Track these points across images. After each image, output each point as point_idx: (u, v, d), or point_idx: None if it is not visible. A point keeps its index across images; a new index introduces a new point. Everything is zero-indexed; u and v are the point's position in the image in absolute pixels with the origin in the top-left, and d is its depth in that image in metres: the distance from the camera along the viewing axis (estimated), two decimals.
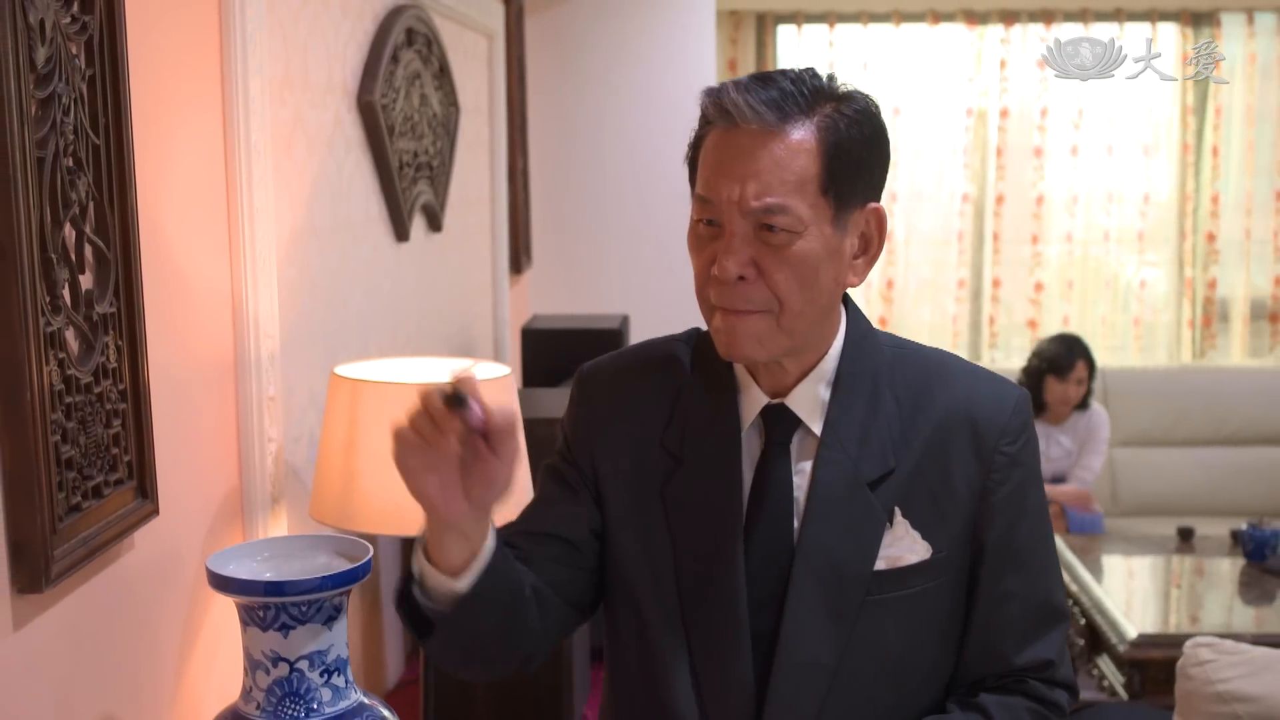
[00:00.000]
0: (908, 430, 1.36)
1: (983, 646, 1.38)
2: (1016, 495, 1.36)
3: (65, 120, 1.30)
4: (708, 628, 1.36)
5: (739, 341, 1.31)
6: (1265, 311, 6.02)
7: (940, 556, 1.35)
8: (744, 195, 1.26)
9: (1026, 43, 5.86)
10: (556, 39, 4.87)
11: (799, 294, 1.28)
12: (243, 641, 1.37)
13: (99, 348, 1.37)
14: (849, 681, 1.33)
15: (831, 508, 1.34)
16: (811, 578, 1.33)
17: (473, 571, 1.26)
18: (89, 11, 1.35)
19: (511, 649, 1.35)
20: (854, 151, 1.28)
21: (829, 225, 1.28)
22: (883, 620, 1.34)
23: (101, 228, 1.38)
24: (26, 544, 1.22)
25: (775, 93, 1.27)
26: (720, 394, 1.40)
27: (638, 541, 1.40)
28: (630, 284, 4.92)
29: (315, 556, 1.42)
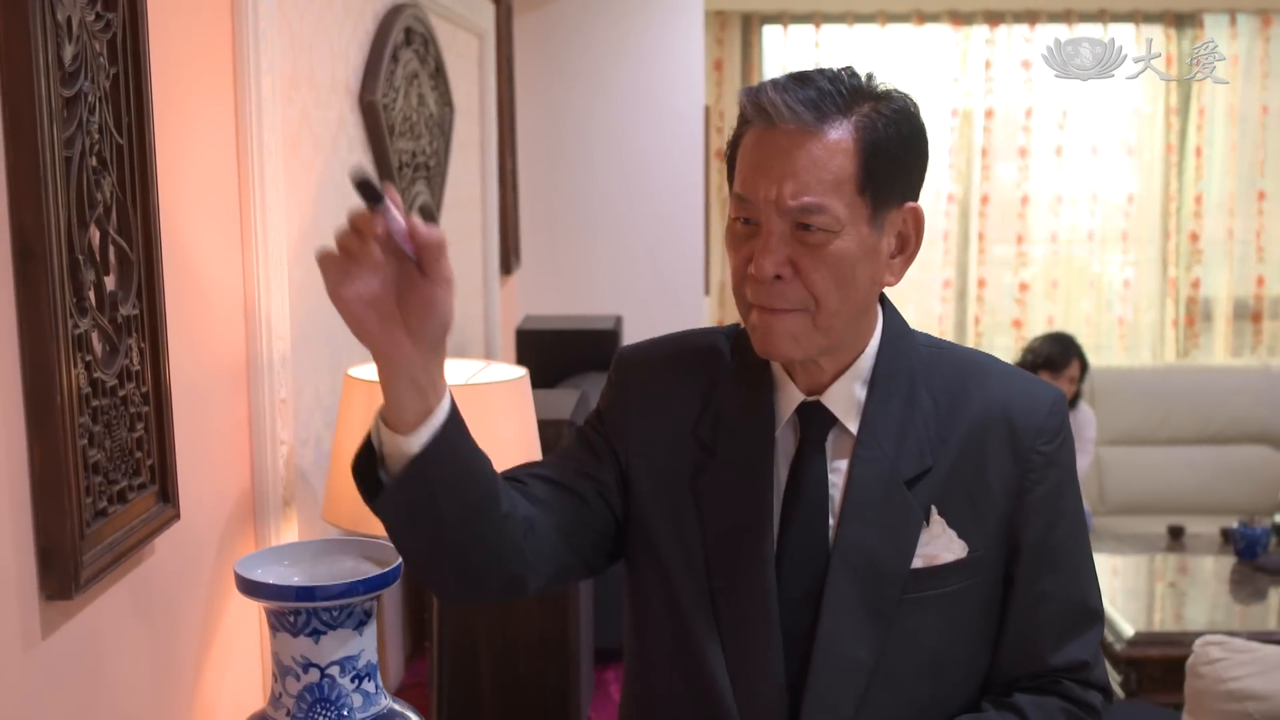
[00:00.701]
0: (944, 429, 1.36)
1: (1018, 646, 1.38)
2: (1053, 495, 1.36)
3: (90, 119, 1.28)
4: (740, 627, 1.35)
5: (775, 340, 1.31)
6: (1248, 311, 6.07)
7: (977, 555, 1.35)
8: (781, 194, 1.26)
9: (1011, 43, 5.88)
10: (544, 38, 4.86)
11: (835, 293, 1.28)
12: (271, 647, 1.35)
13: (123, 350, 1.35)
14: (886, 680, 1.33)
15: (868, 506, 1.34)
16: (848, 576, 1.33)
17: (426, 430, 1.20)
18: (112, 9, 1.33)
19: (485, 556, 1.27)
20: (892, 151, 1.28)
21: (866, 225, 1.28)
22: (919, 619, 1.34)
23: (124, 228, 1.36)
24: (56, 550, 1.20)
25: (813, 92, 1.26)
26: (756, 390, 1.40)
27: (670, 531, 1.40)
28: (619, 284, 4.91)
29: (342, 560, 1.40)
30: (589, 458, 1.43)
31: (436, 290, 1.15)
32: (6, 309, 1.16)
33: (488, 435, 1.77)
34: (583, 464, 1.43)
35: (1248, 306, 6.06)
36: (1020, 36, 5.87)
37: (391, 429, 1.21)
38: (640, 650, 1.47)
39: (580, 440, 1.46)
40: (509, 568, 1.30)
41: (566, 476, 1.40)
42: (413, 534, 1.26)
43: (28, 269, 1.16)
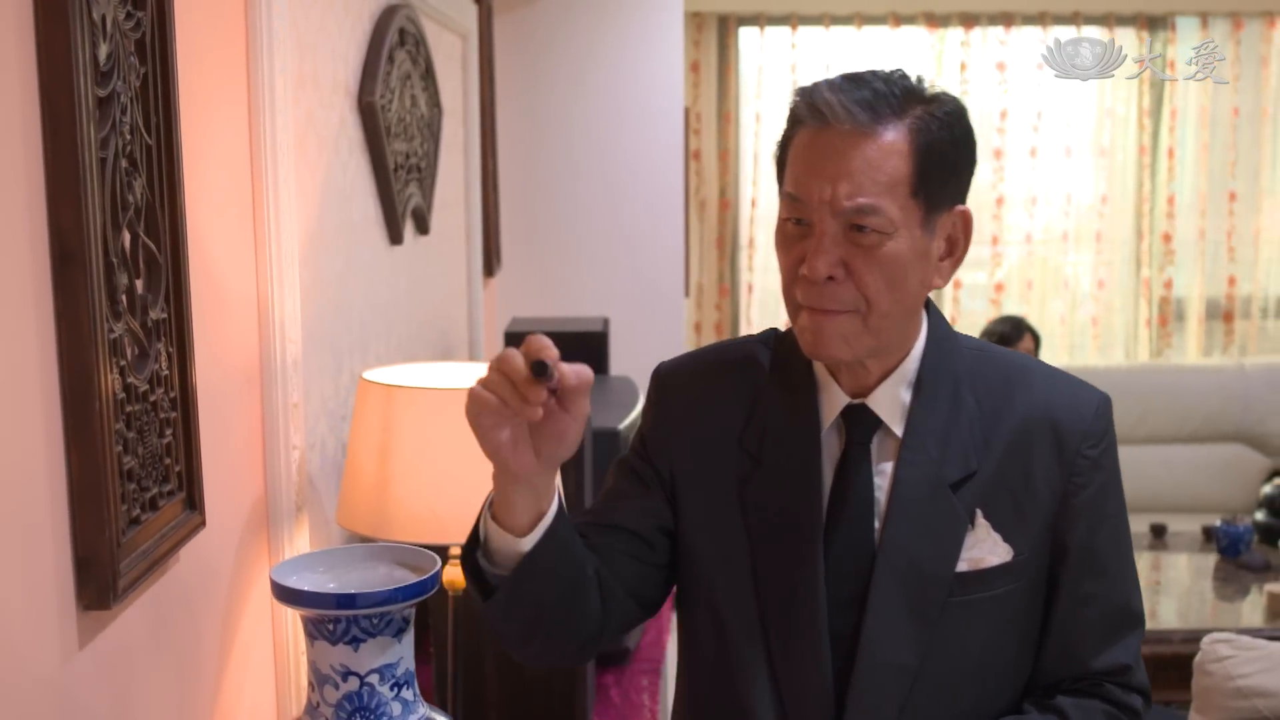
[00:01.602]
0: (989, 432, 1.36)
1: (1061, 649, 1.38)
2: (1098, 499, 1.36)
3: (123, 119, 1.26)
4: (786, 628, 1.35)
5: (825, 341, 1.30)
6: (1219, 310, 6.12)
7: (1021, 559, 1.34)
8: (836, 195, 1.25)
9: (986, 46, 5.92)
10: (524, 40, 4.84)
11: (887, 295, 1.28)
12: (308, 655, 1.33)
13: (152, 354, 1.33)
14: (930, 683, 1.33)
15: (913, 509, 1.34)
16: (893, 578, 1.33)
17: (538, 531, 1.26)
18: (141, 8, 1.31)
19: (572, 629, 1.34)
20: (944, 154, 1.28)
21: (918, 227, 1.28)
22: (964, 622, 1.34)
23: (153, 230, 1.34)
24: (93, 559, 1.18)
25: (868, 93, 1.26)
26: (800, 394, 1.39)
27: (714, 542, 1.39)
28: (600, 287, 4.90)
29: (375, 567, 1.38)
30: (639, 491, 1.44)
31: (572, 425, 1.20)
32: (44, 312, 1.14)
33: None
34: (636, 501, 1.43)
35: (1219, 306, 6.12)
36: (995, 39, 5.90)
37: (503, 527, 1.26)
38: (690, 657, 1.47)
39: (626, 474, 1.46)
40: (589, 635, 1.36)
41: (628, 520, 1.42)
42: (514, 618, 1.31)
43: (67, 272, 1.14)
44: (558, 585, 1.29)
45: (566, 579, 1.30)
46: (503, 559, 1.27)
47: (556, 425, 1.19)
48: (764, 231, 6.04)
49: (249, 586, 1.72)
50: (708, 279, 6.07)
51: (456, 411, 1.74)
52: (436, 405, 1.73)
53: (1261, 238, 6.06)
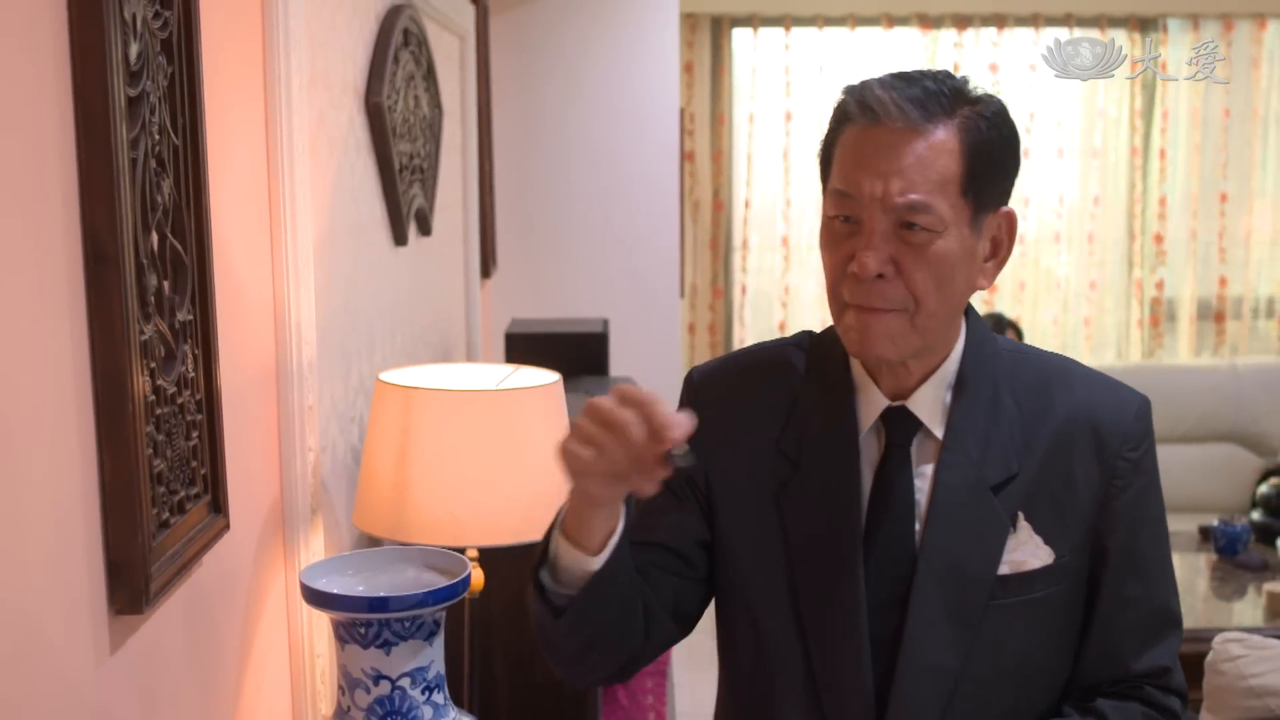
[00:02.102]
0: (1029, 435, 1.35)
1: (1101, 652, 1.37)
2: (1139, 502, 1.36)
3: (151, 120, 1.25)
4: (826, 632, 1.34)
5: (872, 340, 1.29)
6: (1210, 311, 6.15)
7: (1062, 561, 1.34)
8: (887, 191, 1.25)
9: (979, 47, 5.93)
10: (520, 40, 4.83)
11: (935, 294, 1.27)
12: (338, 659, 1.32)
13: (180, 356, 1.32)
14: (971, 686, 1.33)
15: (954, 511, 1.33)
16: (934, 582, 1.32)
17: (608, 550, 1.27)
18: (168, 7, 1.30)
19: (622, 649, 1.35)
20: (993, 154, 1.28)
21: (966, 227, 1.28)
22: (1005, 625, 1.33)
23: (179, 231, 1.33)
24: (126, 563, 1.17)
25: (918, 91, 1.26)
26: (838, 396, 1.38)
27: (751, 547, 1.39)
28: (595, 288, 4.89)
29: (403, 569, 1.38)
30: (674, 505, 1.43)
31: (660, 468, 1.20)
32: (78, 314, 1.12)
33: (521, 442, 1.75)
34: (672, 516, 1.43)
35: (1210, 307, 6.15)
36: (988, 40, 5.92)
37: (577, 547, 1.27)
38: (729, 662, 1.46)
39: (663, 488, 1.45)
40: (633, 655, 1.37)
41: (666, 537, 1.41)
42: (577, 636, 1.31)
43: (100, 272, 1.13)
44: (619, 604, 1.30)
45: (627, 598, 1.31)
46: (570, 577, 1.27)
47: (644, 475, 1.21)
48: (757, 233, 6.05)
49: (266, 590, 1.71)
50: (701, 280, 6.06)
51: (476, 414, 1.74)
52: (456, 407, 1.72)
53: (1252, 238, 6.09)
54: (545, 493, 1.76)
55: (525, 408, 1.76)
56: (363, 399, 2.36)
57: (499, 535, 1.70)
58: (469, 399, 1.72)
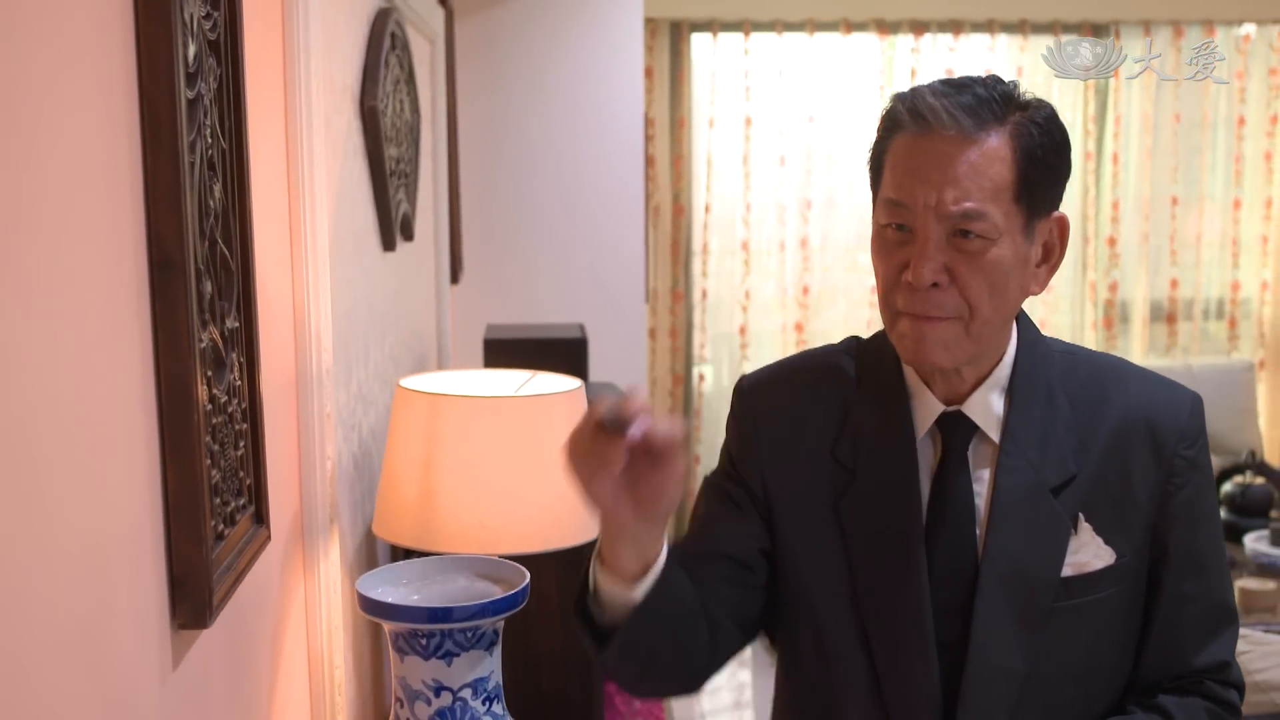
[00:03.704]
0: (1085, 436, 1.36)
1: (1162, 649, 1.38)
2: (1196, 499, 1.37)
3: (205, 122, 1.22)
4: (891, 638, 1.34)
5: (927, 347, 1.30)
6: (1163, 313, 6.24)
7: (1123, 561, 1.35)
8: (942, 200, 1.25)
9: (936, 52, 5.98)
10: (485, 44, 4.81)
11: (989, 301, 1.28)
12: (395, 671, 1.30)
13: (228, 364, 1.29)
14: (1038, 688, 1.33)
15: (1015, 515, 1.34)
16: (999, 585, 1.33)
17: (647, 581, 1.26)
18: (216, 7, 1.27)
19: (684, 666, 1.34)
20: (1046, 160, 1.29)
21: (1020, 233, 1.28)
22: (1070, 626, 1.34)
23: (227, 237, 1.30)
24: (190, 577, 1.14)
25: (970, 98, 1.26)
26: (892, 402, 1.38)
27: (811, 556, 1.38)
28: (562, 293, 4.88)
29: (454, 579, 1.36)
30: (734, 514, 1.42)
31: (667, 482, 1.20)
32: (141, 322, 1.09)
33: (547, 448, 1.74)
34: (732, 525, 1.42)
35: (1163, 309, 6.24)
36: (945, 46, 5.97)
37: (614, 577, 1.27)
38: (789, 671, 1.45)
39: (718, 498, 1.44)
40: (699, 668, 1.38)
41: (728, 546, 1.41)
42: (625, 666, 1.32)
43: (166, 280, 1.10)
44: (670, 629, 1.30)
45: (678, 622, 1.30)
46: (613, 606, 1.27)
47: (652, 482, 1.20)
48: (717, 237, 6.05)
49: (290, 600, 1.68)
50: (662, 285, 6.06)
51: (503, 420, 1.72)
52: (484, 413, 1.70)
53: (1203, 241, 6.19)
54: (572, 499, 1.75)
55: (551, 413, 1.75)
56: (361, 406, 2.33)
57: (528, 543, 1.68)
58: (496, 405, 1.70)
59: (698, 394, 6.14)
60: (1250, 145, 6.14)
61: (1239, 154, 6.13)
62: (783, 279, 6.08)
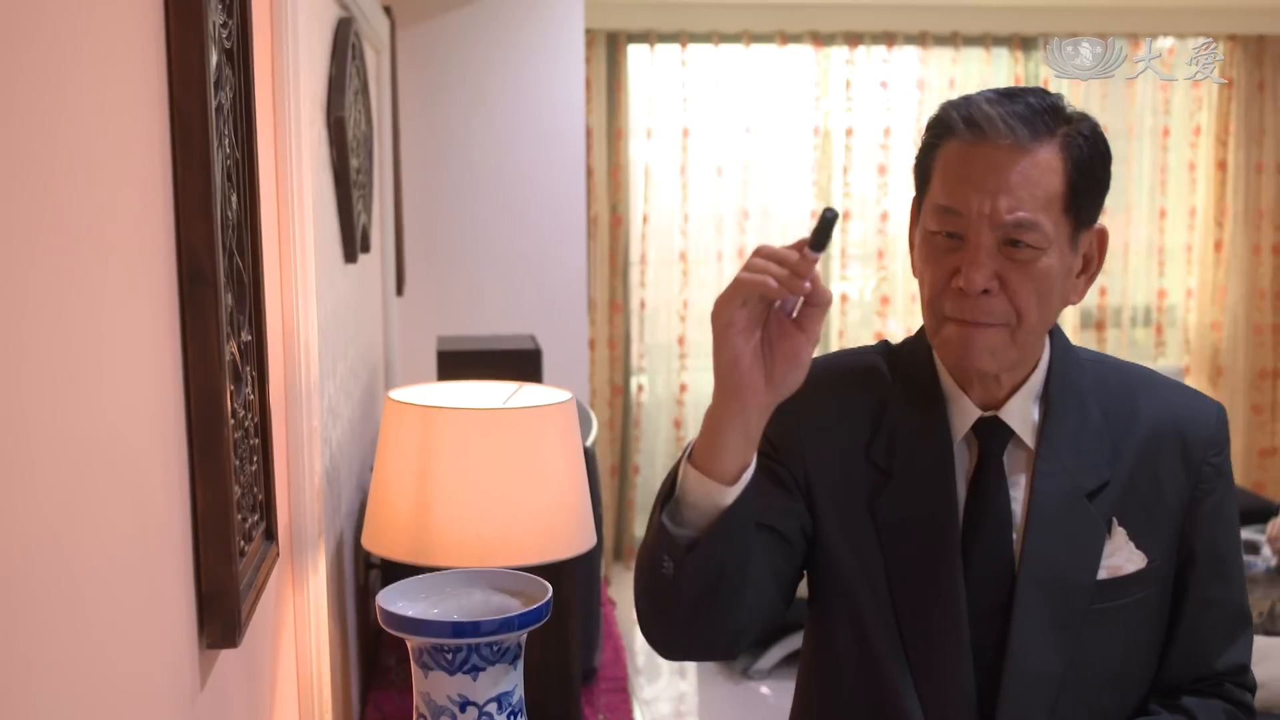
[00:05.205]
0: (1118, 441, 1.39)
1: (1186, 651, 1.41)
2: (1221, 505, 1.40)
3: (224, 133, 1.20)
4: (928, 641, 1.35)
5: (974, 353, 1.31)
6: (1092, 320, 6.37)
7: (1154, 565, 1.38)
8: (996, 209, 1.26)
9: (870, 64, 6.04)
10: (426, 54, 4.78)
11: (1037, 309, 1.30)
12: (418, 687, 1.28)
13: (244, 378, 1.27)
14: (1073, 691, 1.35)
15: (1052, 519, 1.36)
16: (1036, 589, 1.34)
17: (742, 481, 1.23)
18: (231, 15, 1.25)
19: (733, 612, 1.31)
20: (1093, 171, 1.31)
21: (1066, 244, 1.31)
22: (1104, 629, 1.36)
23: (241, 249, 1.28)
24: (220, 595, 1.12)
25: (1023, 108, 1.28)
26: (928, 407, 1.40)
27: (850, 553, 1.39)
28: (503, 304, 4.85)
29: (470, 593, 1.34)
30: (781, 491, 1.41)
31: (806, 345, 1.19)
32: (172, 335, 1.07)
33: (541, 460, 1.73)
34: (779, 500, 1.41)
35: (1092, 316, 6.36)
36: (879, 58, 6.04)
37: (710, 477, 1.22)
38: (822, 674, 1.46)
39: (763, 472, 1.43)
40: (742, 626, 1.33)
41: (774, 519, 1.39)
42: (698, 582, 1.26)
43: (197, 292, 1.08)
44: (745, 545, 1.26)
45: (750, 543, 1.28)
46: (696, 515, 1.24)
47: (792, 345, 1.18)
48: (655, 247, 6.06)
49: (284, 617, 1.66)
50: (600, 295, 6.06)
51: (498, 432, 1.71)
52: (478, 426, 1.69)
53: (1130, 249, 6.32)
54: (566, 512, 1.74)
55: (544, 425, 1.74)
56: (330, 419, 2.30)
57: (523, 555, 1.67)
58: (491, 417, 1.69)
59: (636, 404, 6.15)
60: (1174, 156, 6.28)
61: (1164, 164, 6.27)
62: (720, 289, 6.06)
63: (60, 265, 0.80)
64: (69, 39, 0.84)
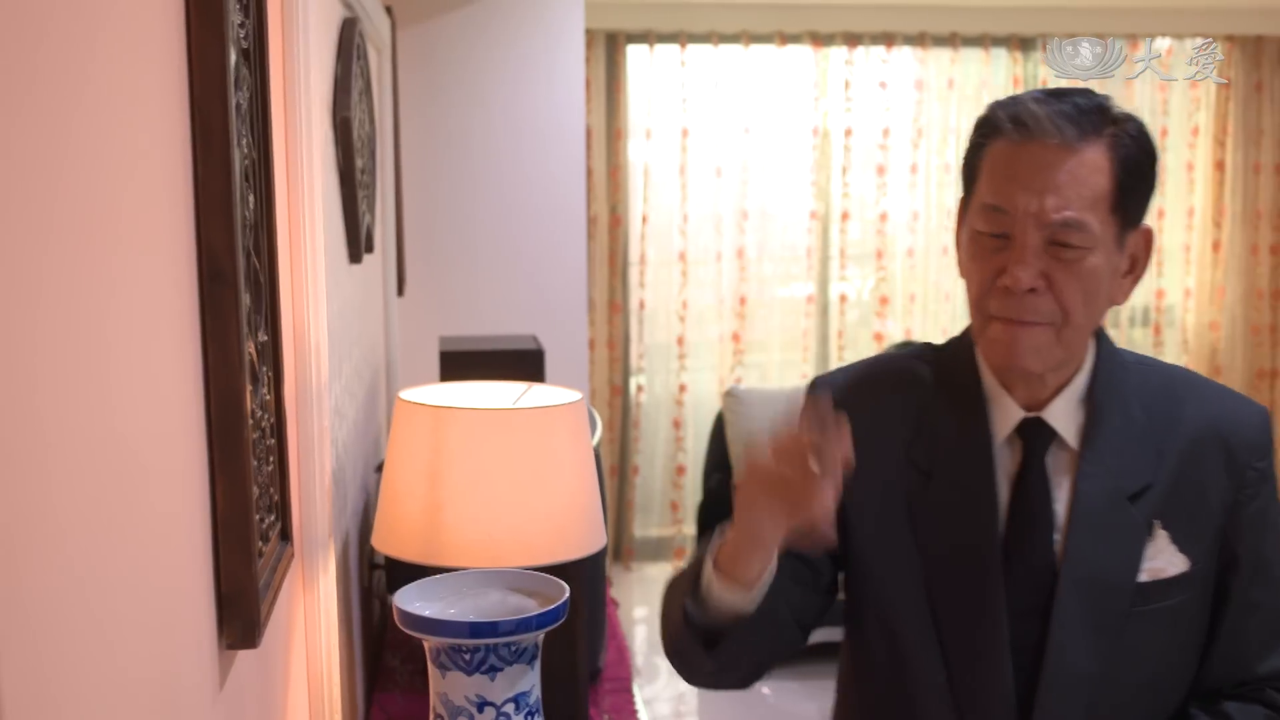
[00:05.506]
0: (1161, 444, 1.38)
1: (1227, 656, 1.40)
2: (1265, 510, 1.40)
3: (242, 133, 1.20)
4: (967, 641, 1.35)
5: (1020, 352, 1.31)
6: None
7: (1196, 568, 1.37)
8: (1043, 208, 1.26)
9: (869, 64, 6.04)
10: (426, 54, 4.77)
11: (1083, 309, 1.30)
12: (436, 688, 1.28)
13: (261, 379, 1.27)
14: (1112, 693, 1.35)
15: (1095, 521, 1.35)
16: (1076, 590, 1.34)
17: (763, 583, 1.29)
18: (248, 14, 1.25)
19: (763, 665, 1.39)
20: (1140, 172, 1.31)
21: (1113, 243, 1.31)
22: (1144, 632, 1.36)
23: (258, 249, 1.28)
24: (239, 595, 1.12)
25: (1070, 108, 1.28)
26: (970, 407, 1.40)
27: (884, 558, 1.40)
28: (503, 304, 4.85)
29: (486, 593, 1.34)
30: None
31: (829, 496, 1.22)
32: (193, 335, 1.07)
33: (551, 461, 1.72)
34: None
35: None
36: (877, 58, 6.04)
37: (733, 584, 1.29)
38: (859, 672, 1.46)
39: None
40: (765, 665, 1.40)
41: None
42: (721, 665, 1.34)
43: (217, 292, 1.08)
44: (767, 634, 1.32)
45: (772, 628, 1.33)
46: (717, 611, 1.29)
47: (807, 491, 1.22)
48: (654, 248, 6.06)
49: (295, 617, 1.65)
50: (599, 295, 6.05)
51: (510, 432, 1.71)
52: (490, 426, 1.68)
53: None
54: (576, 512, 1.74)
55: (554, 425, 1.73)
56: (337, 420, 2.30)
57: (534, 556, 1.66)
58: (502, 417, 1.68)
59: (635, 404, 6.14)
60: (1173, 156, 6.29)
61: (1162, 164, 6.25)
62: (719, 289, 6.11)
63: (83, 265, 0.80)
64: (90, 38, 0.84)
